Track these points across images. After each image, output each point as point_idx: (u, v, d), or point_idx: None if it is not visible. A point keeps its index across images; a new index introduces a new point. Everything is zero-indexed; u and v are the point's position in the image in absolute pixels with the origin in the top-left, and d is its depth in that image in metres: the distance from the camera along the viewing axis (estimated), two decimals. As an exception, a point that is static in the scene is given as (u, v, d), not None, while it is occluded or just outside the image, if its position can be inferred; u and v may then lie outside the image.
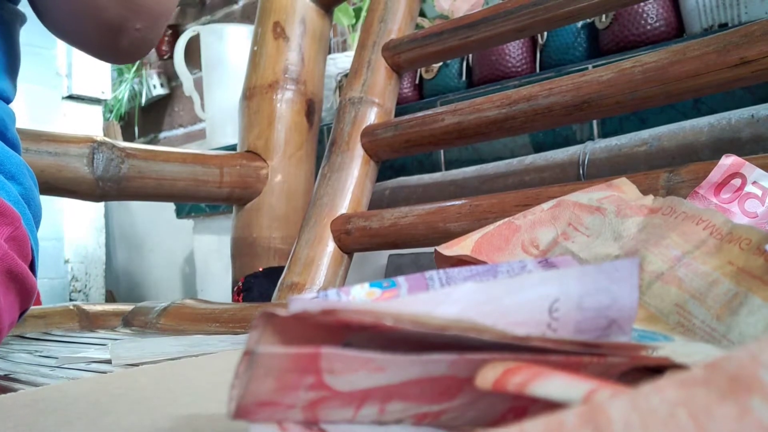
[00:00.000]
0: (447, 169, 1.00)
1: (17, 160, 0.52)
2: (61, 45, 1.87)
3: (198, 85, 1.57)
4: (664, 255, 0.32)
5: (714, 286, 0.30)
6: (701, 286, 0.30)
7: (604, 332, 0.21)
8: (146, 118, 2.15)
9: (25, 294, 0.47)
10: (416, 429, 0.20)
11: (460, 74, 1.06)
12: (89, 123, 1.97)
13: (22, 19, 0.56)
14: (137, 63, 2.13)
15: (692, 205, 0.34)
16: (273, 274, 0.91)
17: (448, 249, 0.39)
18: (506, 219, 0.40)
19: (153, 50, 2.08)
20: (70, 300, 1.84)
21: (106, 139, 0.85)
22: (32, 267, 0.50)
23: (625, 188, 0.41)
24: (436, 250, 0.40)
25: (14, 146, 0.54)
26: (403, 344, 0.18)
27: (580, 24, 0.94)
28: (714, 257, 0.31)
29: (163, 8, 0.57)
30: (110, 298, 1.96)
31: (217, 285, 1.37)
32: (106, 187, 0.83)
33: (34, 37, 1.78)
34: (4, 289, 0.44)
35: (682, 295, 0.31)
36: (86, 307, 0.86)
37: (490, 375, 0.17)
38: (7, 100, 0.54)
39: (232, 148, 1.15)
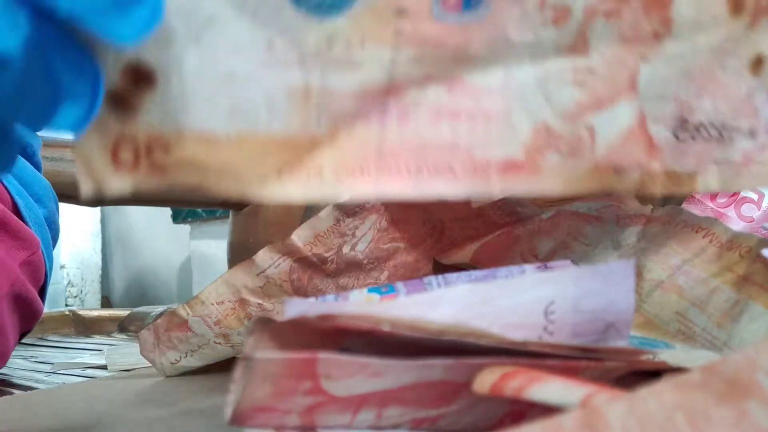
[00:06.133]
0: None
1: (44, 183, 0.54)
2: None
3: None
4: (663, 263, 0.32)
5: (714, 293, 0.30)
6: (702, 294, 0.30)
7: (601, 336, 0.21)
8: (143, 123, 2.14)
9: (29, 317, 0.48)
10: (413, 434, 0.20)
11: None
12: (86, 128, 1.96)
13: None
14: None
15: (691, 213, 0.34)
16: (270, 279, 0.91)
17: (447, 258, 0.39)
18: (505, 229, 0.40)
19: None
20: (66, 305, 1.83)
21: (103, 144, 0.85)
22: (43, 289, 0.51)
23: (624, 199, 0.40)
24: (434, 259, 0.40)
25: (39, 170, 0.56)
26: (400, 348, 0.18)
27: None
28: (714, 265, 0.31)
29: None
30: (106, 303, 1.95)
31: (214, 290, 1.36)
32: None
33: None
34: (10, 313, 0.44)
35: (682, 303, 0.31)
36: (82, 312, 0.86)
37: (487, 379, 0.17)
38: None
39: (229, 153, 1.14)
